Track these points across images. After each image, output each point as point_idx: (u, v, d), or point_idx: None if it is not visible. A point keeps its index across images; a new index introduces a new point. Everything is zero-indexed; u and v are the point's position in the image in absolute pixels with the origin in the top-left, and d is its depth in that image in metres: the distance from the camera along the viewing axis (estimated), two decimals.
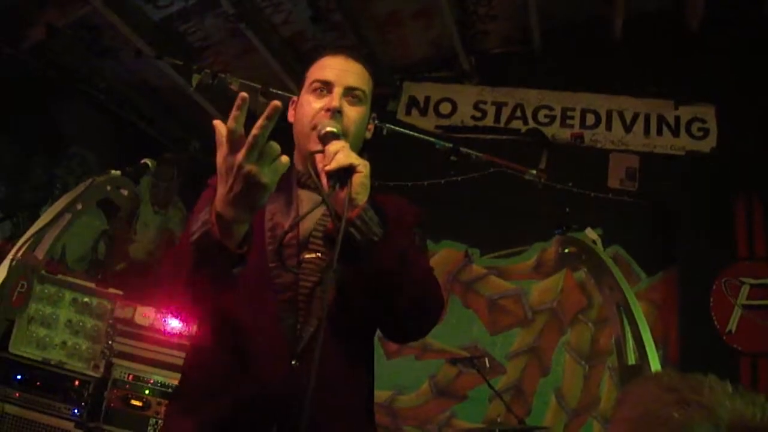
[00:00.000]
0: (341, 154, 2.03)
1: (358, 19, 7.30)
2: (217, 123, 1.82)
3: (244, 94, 1.77)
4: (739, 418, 1.16)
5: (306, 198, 2.31)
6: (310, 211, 2.12)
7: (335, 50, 2.46)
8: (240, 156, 1.79)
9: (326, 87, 2.32)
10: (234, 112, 1.79)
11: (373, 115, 2.49)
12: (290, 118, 2.46)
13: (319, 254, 2.23)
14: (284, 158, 1.86)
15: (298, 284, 2.20)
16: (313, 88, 2.35)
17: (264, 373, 2.09)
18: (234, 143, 1.80)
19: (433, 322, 2.26)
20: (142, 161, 5.39)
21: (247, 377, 2.09)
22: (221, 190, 1.87)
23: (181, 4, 6.62)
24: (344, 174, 2.00)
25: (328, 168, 2.02)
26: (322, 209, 2.20)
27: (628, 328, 4.63)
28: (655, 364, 4.40)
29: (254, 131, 1.77)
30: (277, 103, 1.78)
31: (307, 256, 2.23)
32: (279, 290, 2.18)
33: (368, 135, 2.46)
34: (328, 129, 2.15)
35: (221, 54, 7.32)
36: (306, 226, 2.26)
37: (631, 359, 4.58)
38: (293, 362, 2.10)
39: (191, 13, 6.78)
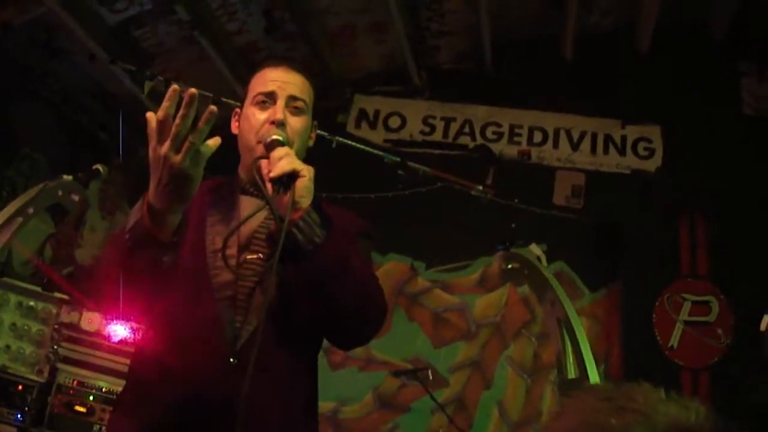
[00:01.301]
0: (284, 160, 2.09)
1: (311, 32, 7.31)
2: (149, 114, 1.85)
3: (175, 86, 1.81)
4: (674, 421, 1.19)
5: (249, 204, 2.34)
6: (253, 214, 2.18)
7: (275, 61, 2.50)
8: (165, 147, 1.83)
9: (269, 98, 2.36)
10: (165, 103, 1.82)
11: (315, 122, 2.52)
12: (234, 129, 2.49)
13: (260, 255, 2.27)
14: (212, 141, 1.90)
15: (238, 283, 2.22)
16: (256, 101, 2.38)
17: (202, 371, 2.12)
18: (163, 134, 1.84)
19: (375, 328, 2.30)
20: (94, 167, 5.37)
21: (186, 376, 2.12)
22: (152, 182, 1.91)
23: (136, 9, 6.58)
24: (288, 179, 2.06)
25: (272, 174, 2.08)
26: (265, 213, 2.26)
27: (568, 343, 4.70)
28: (594, 378, 4.46)
29: (177, 121, 1.81)
30: (193, 90, 1.80)
31: (249, 257, 2.27)
32: (218, 289, 2.21)
33: (311, 143, 2.51)
34: (274, 137, 2.21)
35: (174, 61, 7.28)
36: (248, 227, 2.29)
37: (572, 373, 4.64)
38: (231, 360, 2.12)
39: (146, 19, 6.74)
